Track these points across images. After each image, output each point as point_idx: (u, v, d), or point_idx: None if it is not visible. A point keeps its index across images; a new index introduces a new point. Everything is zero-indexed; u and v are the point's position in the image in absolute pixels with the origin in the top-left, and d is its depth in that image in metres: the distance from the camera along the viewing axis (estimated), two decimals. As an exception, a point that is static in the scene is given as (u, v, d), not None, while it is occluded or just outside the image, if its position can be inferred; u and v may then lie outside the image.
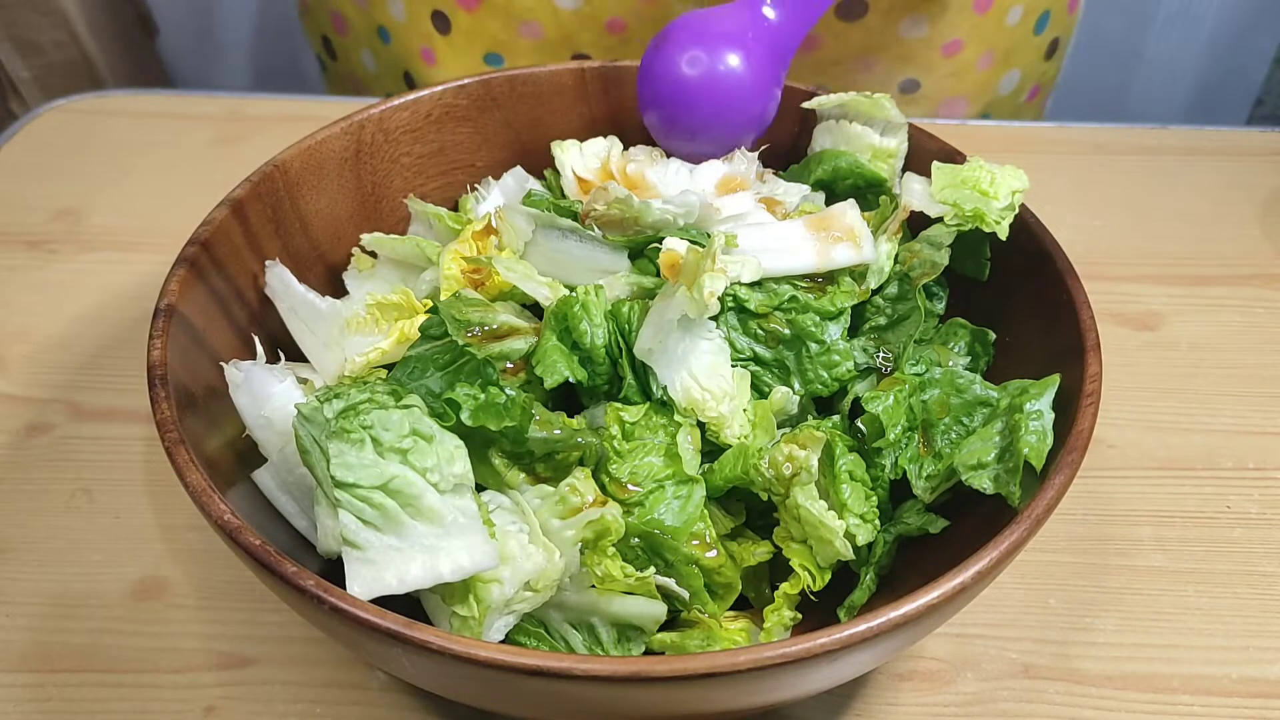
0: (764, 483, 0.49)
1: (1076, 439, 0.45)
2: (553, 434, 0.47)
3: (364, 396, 0.44)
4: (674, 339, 0.49)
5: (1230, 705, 0.53)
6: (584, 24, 0.84)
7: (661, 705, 0.40)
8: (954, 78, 0.91)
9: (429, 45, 0.90)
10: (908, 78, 0.90)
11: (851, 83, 0.88)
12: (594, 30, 0.84)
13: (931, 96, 0.91)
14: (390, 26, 0.92)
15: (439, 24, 0.87)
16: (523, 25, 0.85)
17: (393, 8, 0.90)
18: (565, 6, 0.83)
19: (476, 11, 0.85)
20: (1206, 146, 0.88)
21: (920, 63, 0.89)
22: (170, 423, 0.44)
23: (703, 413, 0.50)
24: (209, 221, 0.54)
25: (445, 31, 0.87)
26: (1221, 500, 0.62)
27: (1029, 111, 1.02)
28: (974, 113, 0.95)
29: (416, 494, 0.43)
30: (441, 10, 0.86)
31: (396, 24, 0.91)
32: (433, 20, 0.87)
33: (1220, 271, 0.77)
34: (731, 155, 0.61)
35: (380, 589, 0.41)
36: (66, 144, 0.88)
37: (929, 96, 0.91)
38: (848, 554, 0.48)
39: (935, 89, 0.91)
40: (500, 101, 0.65)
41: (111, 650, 0.55)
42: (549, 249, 0.54)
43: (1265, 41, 1.39)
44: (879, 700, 0.53)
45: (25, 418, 0.66)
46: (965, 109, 0.94)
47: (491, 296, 0.53)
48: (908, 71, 0.89)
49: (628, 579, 0.47)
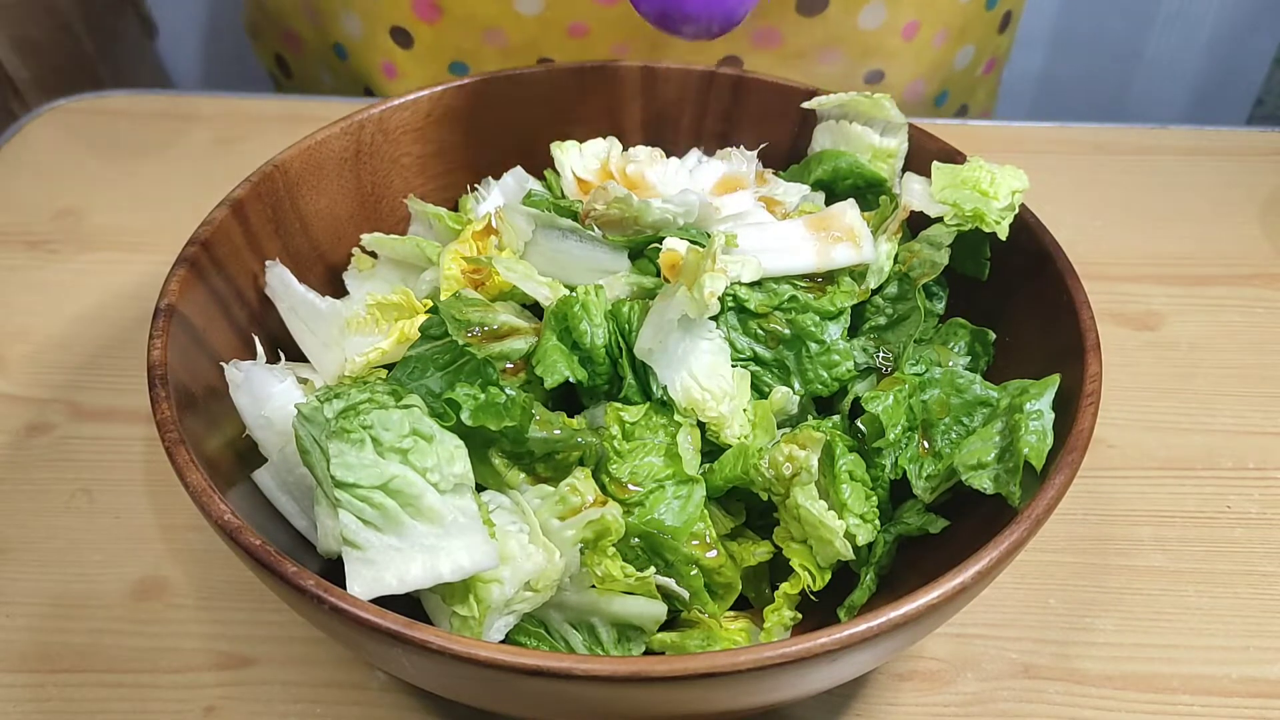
0: (764, 483, 0.49)
1: (1076, 439, 0.45)
2: (553, 434, 0.47)
3: (364, 396, 0.44)
4: (674, 339, 0.49)
5: (1230, 705, 0.53)
6: (546, 29, 0.84)
7: (662, 705, 0.40)
8: (914, 60, 0.91)
9: (389, 59, 0.89)
10: (872, 69, 0.90)
11: (817, 76, 0.88)
12: (557, 35, 0.84)
13: (895, 85, 0.91)
14: (346, 43, 0.92)
15: (399, 39, 0.87)
16: (486, 33, 0.85)
17: (348, 25, 0.90)
18: (527, 13, 0.83)
19: (438, 24, 0.85)
20: (1206, 146, 0.88)
21: (882, 51, 0.89)
22: (170, 423, 0.45)
23: (703, 413, 0.50)
24: (209, 221, 0.54)
25: (407, 45, 0.88)
26: (1221, 500, 0.62)
27: (985, 85, 1.02)
28: (932, 91, 0.94)
29: (417, 494, 0.43)
30: (401, 26, 0.86)
31: (353, 41, 0.91)
32: (392, 36, 0.87)
33: (1220, 271, 0.77)
34: (729, 154, 0.61)
35: (380, 589, 0.41)
36: (66, 144, 0.88)
37: (893, 85, 0.91)
38: (848, 554, 0.48)
39: (898, 75, 0.91)
40: (500, 101, 0.65)
41: (111, 650, 0.55)
42: (549, 249, 0.54)
43: (1265, 41, 1.39)
44: (879, 700, 0.53)
45: (25, 418, 0.66)
46: (924, 88, 0.94)
47: (491, 296, 0.53)
48: (870, 62, 0.89)
49: (628, 579, 0.47)
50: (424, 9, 0.84)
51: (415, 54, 0.88)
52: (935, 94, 0.96)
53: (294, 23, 0.96)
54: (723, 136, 0.66)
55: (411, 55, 0.88)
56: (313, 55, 0.98)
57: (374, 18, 0.88)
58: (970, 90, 1.00)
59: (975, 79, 1.00)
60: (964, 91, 0.99)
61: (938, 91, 0.96)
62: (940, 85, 0.95)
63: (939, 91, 0.96)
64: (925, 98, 0.95)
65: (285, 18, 0.97)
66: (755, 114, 0.65)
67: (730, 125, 0.66)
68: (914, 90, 0.93)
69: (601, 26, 0.84)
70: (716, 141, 0.66)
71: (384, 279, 0.60)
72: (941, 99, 0.98)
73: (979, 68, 0.99)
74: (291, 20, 0.96)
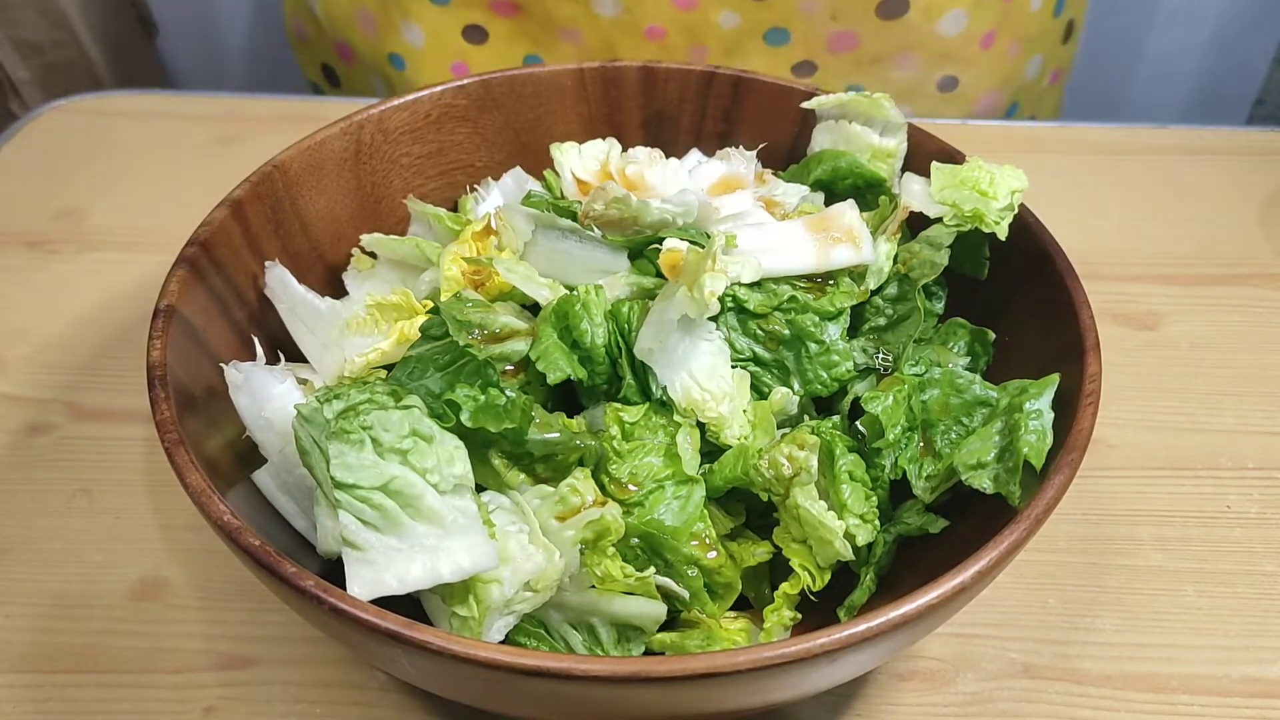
0: (764, 483, 0.49)
1: (1076, 439, 0.45)
2: (552, 436, 0.47)
3: (364, 397, 0.44)
4: (674, 339, 0.49)
5: (1230, 705, 0.53)
6: (623, 31, 0.84)
7: (662, 705, 0.40)
8: (989, 70, 0.91)
9: (461, 59, 0.89)
10: (946, 75, 0.89)
11: (889, 81, 0.88)
12: (633, 37, 0.84)
13: (967, 94, 0.91)
14: (405, 52, 0.92)
15: (473, 36, 0.87)
16: (561, 33, 0.84)
17: (407, 35, 0.90)
18: (605, 14, 0.82)
19: (515, 19, 0.85)
20: (1206, 146, 0.88)
21: (958, 58, 0.88)
22: (170, 423, 0.45)
23: (702, 413, 0.50)
24: (209, 222, 0.54)
25: (480, 41, 0.88)
26: (1221, 500, 0.62)
27: (1051, 95, 1.02)
28: (1005, 103, 0.94)
29: (416, 494, 0.43)
30: (477, 24, 0.86)
31: (414, 49, 0.91)
32: (464, 35, 0.87)
33: (1220, 271, 0.77)
34: (728, 154, 0.61)
35: (380, 590, 0.41)
36: (66, 144, 0.88)
37: (965, 92, 0.91)
38: (848, 554, 0.48)
39: (973, 83, 0.90)
40: (499, 102, 0.65)
41: (111, 650, 0.55)
42: (549, 249, 0.54)
43: (1265, 41, 1.39)
44: (879, 700, 0.53)
45: (25, 418, 0.66)
46: (999, 100, 0.93)
47: (491, 297, 0.53)
48: (945, 69, 0.89)
49: (627, 579, 0.47)
50: (502, 5, 0.84)
51: (490, 48, 0.88)
52: (1008, 105, 0.95)
53: (348, 33, 0.96)
54: (723, 136, 0.66)
55: (486, 49, 0.88)
56: (365, 65, 0.97)
57: (443, 20, 0.87)
58: (1038, 102, 1.00)
59: (1043, 90, 0.99)
60: (1032, 103, 0.99)
61: (1009, 104, 0.95)
62: (1012, 96, 0.95)
63: (1010, 103, 0.96)
64: (999, 108, 0.94)
65: (340, 28, 0.97)
66: (755, 114, 0.65)
67: (730, 125, 0.66)
68: (989, 101, 0.93)
69: (677, 30, 0.84)
70: (716, 142, 0.66)
71: (383, 279, 0.60)
72: (1012, 110, 0.97)
73: (1046, 78, 0.99)
74: (346, 31, 0.96)
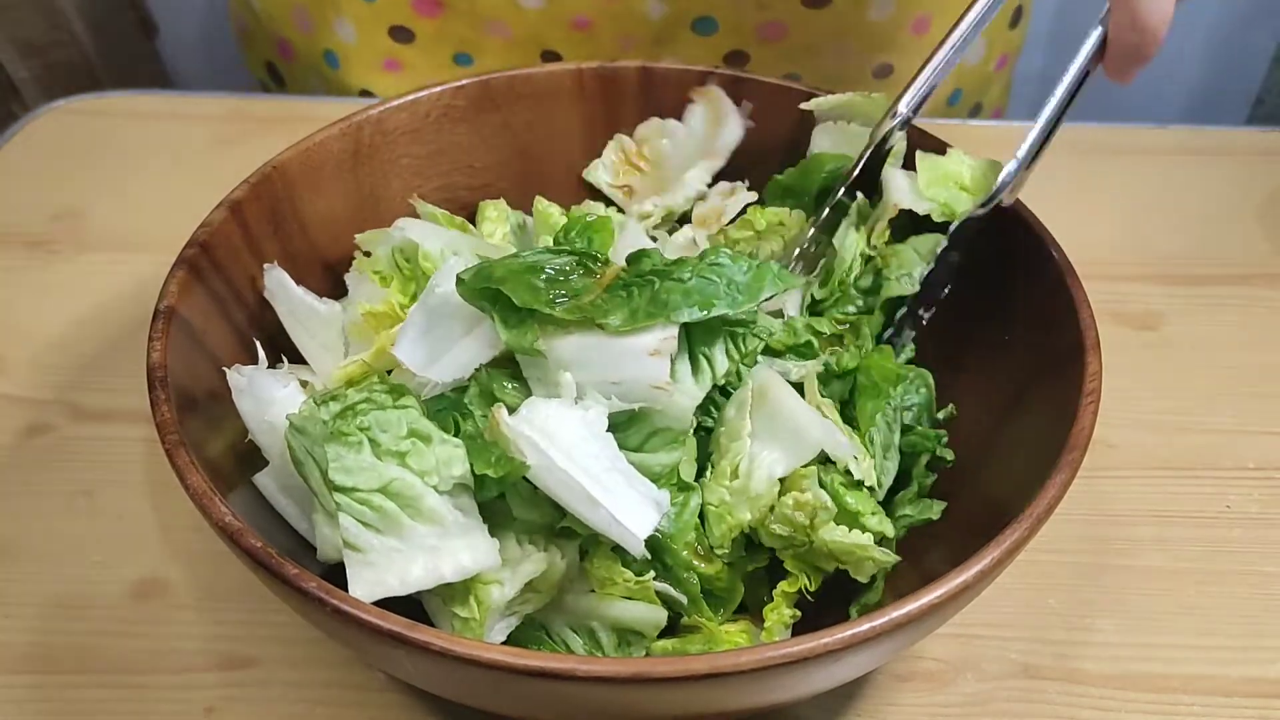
0: (786, 539, 0.49)
1: (1076, 438, 0.45)
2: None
3: (361, 397, 0.44)
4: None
5: (1230, 705, 0.53)
6: (550, 23, 0.84)
7: (664, 706, 0.40)
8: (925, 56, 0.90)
9: (392, 56, 0.90)
10: (881, 62, 0.89)
11: (825, 70, 0.87)
12: (560, 28, 0.84)
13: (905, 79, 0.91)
14: (338, 49, 0.91)
15: (400, 37, 0.88)
16: (488, 25, 0.85)
17: (340, 31, 0.90)
18: (530, 6, 0.83)
19: (440, 18, 0.85)
20: (1206, 146, 0.88)
21: (892, 45, 0.88)
22: (170, 425, 0.44)
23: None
24: (208, 223, 0.54)
25: (408, 41, 0.88)
26: (1221, 500, 0.62)
27: (998, 82, 1.01)
28: (946, 88, 0.94)
29: (416, 495, 0.43)
30: (401, 25, 0.87)
31: (346, 46, 0.91)
32: (392, 35, 0.88)
33: (1220, 271, 0.77)
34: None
35: (382, 591, 0.41)
36: (66, 144, 0.88)
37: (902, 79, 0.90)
38: (891, 558, 0.48)
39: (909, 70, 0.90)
40: (498, 102, 0.65)
41: (112, 651, 0.55)
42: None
43: (1265, 41, 1.39)
44: (879, 700, 0.53)
45: (26, 419, 0.66)
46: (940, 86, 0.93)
47: None
48: (880, 55, 0.88)
49: (627, 583, 0.47)
50: (425, 5, 0.84)
51: (419, 46, 0.88)
52: (948, 93, 0.95)
53: (286, 30, 0.96)
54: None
55: (415, 48, 0.88)
56: (304, 63, 0.97)
57: (370, 19, 0.87)
58: (983, 88, 0.99)
59: (988, 76, 0.98)
60: (977, 89, 0.98)
61: (952, 90, 0.95)
62: (953, 83, 0.94)
63: (952, 90, 0.95)
64: (938, 96, 0.94)
65: (278, 25, 0.97)
66: (754, 115, 0.65)
67: (729, 125, 0.66)
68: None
69: (604, 20, 0.84)
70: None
71: (384, 280, 0.60)
72: (955, 97, 0.97)
73: (991, 64, 0.98)
74: (284, 28, 0.96)
